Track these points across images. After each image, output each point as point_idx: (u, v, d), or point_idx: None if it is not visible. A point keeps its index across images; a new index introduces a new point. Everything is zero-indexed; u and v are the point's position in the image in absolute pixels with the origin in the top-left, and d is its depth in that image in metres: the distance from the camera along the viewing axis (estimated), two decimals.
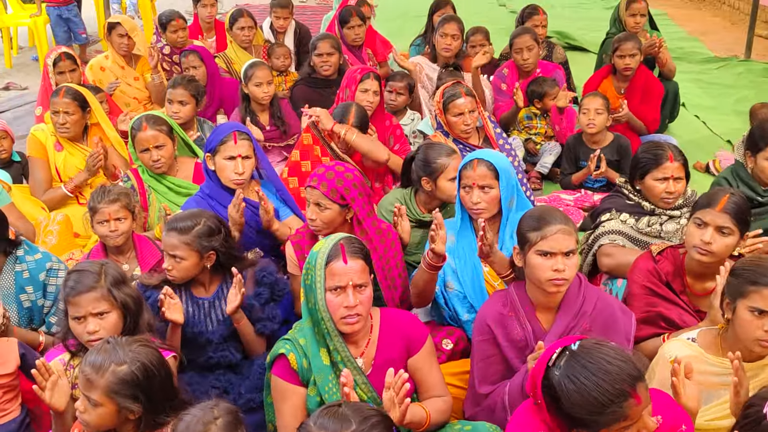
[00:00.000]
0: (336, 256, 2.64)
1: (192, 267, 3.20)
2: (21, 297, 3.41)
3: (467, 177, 3.35)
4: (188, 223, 3.19)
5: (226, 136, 3.71)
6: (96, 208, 3.59)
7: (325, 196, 3.27)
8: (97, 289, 2.76)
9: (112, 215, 3.58)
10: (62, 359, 2.89)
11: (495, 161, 3.35)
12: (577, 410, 2.11)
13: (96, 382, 2.36)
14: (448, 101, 4.50)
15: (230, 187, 3.78)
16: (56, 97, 4.68)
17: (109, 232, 3.59)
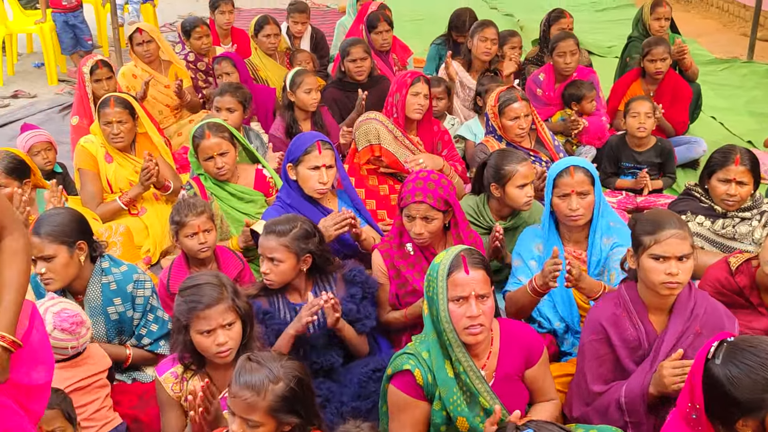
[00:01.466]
0: (458, 266, 2.66)
1: (289, 270, 3.21)
2: (108, 309, 3.39)
3: (565, 185, 3.39)
4: (286, 227, 3.21)
5: (310, 146, 3.71)
6: (183, 222, 3.58)
7: (433, 207, 3.29)
8: (224, 300, 2.74)
9: (201, 227, 3.58)
10: (174, 372, 2.86)
11: (589, 167, 3.42)
12: (747, 393, 2.14)
13: (257, 405, 2.32)
14: (503, 105, 4.55)
15: (312, 197, 3.78)
16: (107, 108, 4.64)
17: (199, 245, 3.58)
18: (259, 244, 3.30)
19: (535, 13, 11.41)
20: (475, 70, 6.02)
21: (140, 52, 5.99)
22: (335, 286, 3.36)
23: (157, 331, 3.46)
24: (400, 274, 3.46)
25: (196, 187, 4.19)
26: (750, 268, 3.27)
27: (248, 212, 4.25)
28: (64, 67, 8.54)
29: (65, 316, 2.94)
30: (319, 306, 3.10)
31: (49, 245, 3.19)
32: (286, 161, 3.80)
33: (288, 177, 3.81)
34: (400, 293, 3.49)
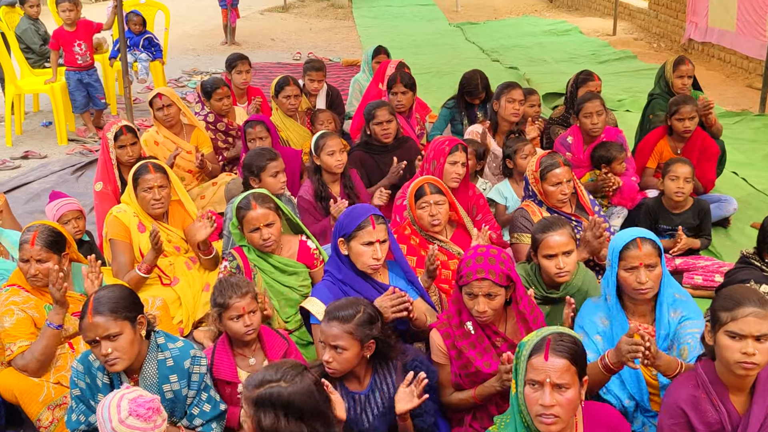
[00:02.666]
0: (539, 350, 2.58)
1: (353, 358, 3.09)
2: (164, 387, 3.26)
3: (633, 257, 3.31)
4: (349, 312, 3.09)
5: (363, 220, 3.61)
6: (228, 304, 3.45)
7: (495, 284, 3.20)
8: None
9: (246, 309, 3.45)
10: None
11: (655, 238, 3.35)
12: None
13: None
14: (545, 171, 4.49)
15: (365, 272, 3.67)
16: (147, 174, 4.56)
17: (244, 328, 3.45)
18: (320, 331, 3.18)
19: (537, 65, 11.56)
20: (500, 132, 5.99)
21: (161, 116, 5.93)
22: (395, 374, 3.24)
23: (210, 412, 3.34)
24: (461, 354, 3.35)
25: (239, 259, 4.09)
26: None
27: (292, 285, 4.14)
28: (72, 125, 8.44)
29: (141, 402, 2.83)
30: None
31: (114, 323, 3.09)
32: (337, 235, 3.70)
33: (339, 252, 3.70)
34: (462, 373, 3.37)
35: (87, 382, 3.25)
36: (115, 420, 2.80)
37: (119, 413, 2.81)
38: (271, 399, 2.52)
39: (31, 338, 3.80)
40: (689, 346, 3.25)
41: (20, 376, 3.75)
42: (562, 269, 3.75)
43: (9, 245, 4.49)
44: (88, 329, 3.11)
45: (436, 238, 4.30)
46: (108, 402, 2.85)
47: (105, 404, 2.86)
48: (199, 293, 4.68)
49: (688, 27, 12.09)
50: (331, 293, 3.60)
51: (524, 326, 3.34)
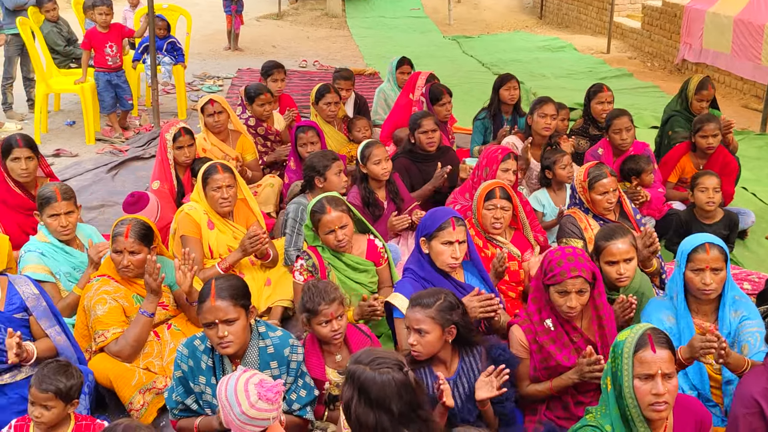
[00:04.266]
0: (644, 345, 2.83)
1: (435, 341, 3.35)
2: (265, 373, 3.42)
3: (700, 260, 3.61)
4: (431, 299, 3.38)
5: (444, 222, 3.87)
6: (317, 310, 3.60)
7: (587, 281, 3.48)
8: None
9: (334, 314, 3.63)
10: None
11: (722, 245, 3.65)
12: None
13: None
14: (593, 180, 4.79)
15: (444, 270, 3.93)
16: (216, 174, 4.78)
17: (332, 333, 3.64)
18: (406, 317, 3.45)
19: (538, 80, 11.91)
20: (534, 145, 6.28)
21: (211, 122, 6.13)
22: (480, 361, 3.50)
23: (306, 397, 3.54)
24: (542, 349, 3.61)
25: (314, 257, 4.32)
26: None
27: (362, 282, 4.39)
28: (98, 125, 8.58)
29: (268, 386, 3.00)
30: None
31: (233, 309, 3.31)
32: (419, 235, 3.96)
33: (421, 250, 3.96)
34: (540, 367, 3.64)
35: (190, 365, 3.44)
36: (245, 404, 2.96)
37: (248, 398, 2.97)
38: (353, 377, 2.70)
39: (122, 326, 4.00)
40: (750, 344, 3.54)
41: (114, 362, 3.95)
42: (623, 275, 4.03)
43: (84, 238, 4.66)
44: (209, 312, 3.31)
45: (496, 239, 4.58)
46: (233, 387, 2.99)
47: (230, 389, 2.99)
48: (261, 288, 4.89)
49: (682, 48, 12.54)
50: (413, 289, 3.85)
51: (598, 323, 3.62)
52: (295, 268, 4.35)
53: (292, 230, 5.02)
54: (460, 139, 8.00)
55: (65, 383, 3.30)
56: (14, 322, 3.75)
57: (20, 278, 3.89)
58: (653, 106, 9.96)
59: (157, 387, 3.93)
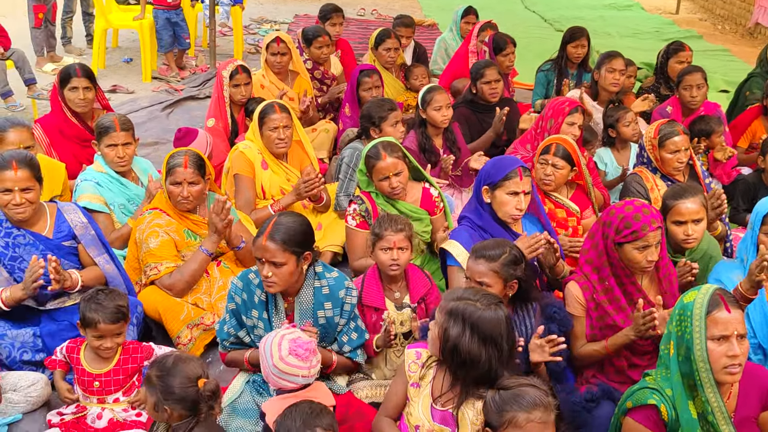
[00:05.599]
0: (717, 305, 2.67)
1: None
2: (318, 313, 3.41)
3: None
4: (496, 252, 3.25)
5: (511, 171, 3.72)
6: (382, 235, 3.61)
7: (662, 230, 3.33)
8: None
9: (397, 244, 3.60)
10: (419, 353, 2.99)
11: None
12: None
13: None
14: (664, 138, 4.57)
15: (504, 221, 3.80)
16: (273, 114, 4.70)
17: (390, 261, 3.61)
18: (467, 268, 3.34)
19: (602, 38, 11.52)
20: (600, 101, 6.06)
21: (273, 61, 6.02)
22: (534, 317, 3.38)
23: (357, 340, 3.48)
24: (599, 307, 3.46)
25: (368, 203, 4.22)
26: None
27: (416, 230, 4.22)
28: (155, 63, 8.55)
29: (300, 343, 2.98)
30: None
31: (281, 253, 3.21)
32: (481, 183, 3.81)
33: (481, 199, 3.82)
34: (597, 326, 3.50)
35: (243, 298, 3.39)
36: (276, 357, 2.96)
37: (280, 351, 2.96)
38: (464, 314, 2.73)
39: (174, 260, 3.97)
40: None
41: (163, 295, 3.93)
42: (690, 236, 3.84)
43: (140, 171, 4.63)
44: (258, 249, 3.26)
45: (554, 196, 4.42)
46: (270, 340, 3.02)
47: (267, 341, 3.02)
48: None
49: (756, 11, 12.00)
50: (470, 237, 3.73)
51: (658, 283, 3.46)
52: (348, 212, 4.26)
53: (345, 175, 4.92)
54: (519, 95, 7.76)
55: (124, 304, 3.34)
56: (62, 249, 3.74)
57: (69, 206, 3.87)
58: (723, 70, 9.57)
59: (205, 323, 3.90)
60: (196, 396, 2.73)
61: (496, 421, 2.46)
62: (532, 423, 2.40)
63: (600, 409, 3.15)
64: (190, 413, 2.74)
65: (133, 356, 3.41)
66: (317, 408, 2.65)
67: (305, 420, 2.58)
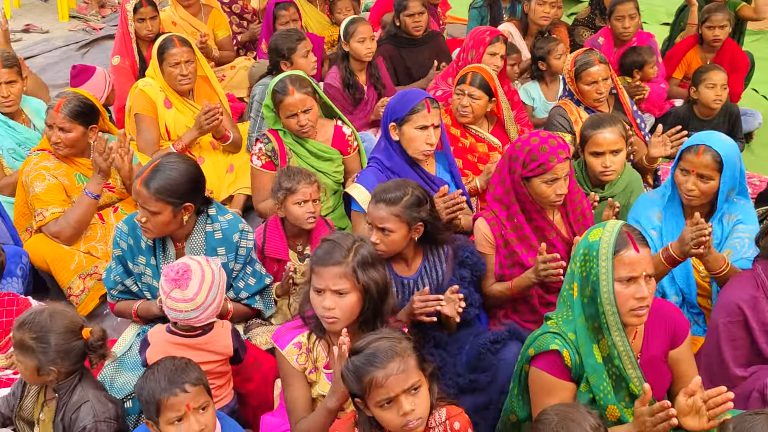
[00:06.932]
0: (625, 245, 2.48)
1: (400, 240, 3.03)
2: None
3: (688, 161, 3.25)
4: (397, 194, 3.01)
5: (418, 103, 3.48)
6: (295, 189, 3.40)
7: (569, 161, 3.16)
8: (343, 265, 2.56)
9: (312, 196, 3.41)
10: (298, 343, 2.68)
11: (723, 152, 3.22)
12: None
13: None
14: (581, 69, 4.35)
15: (414, 159, 3.58)
16: (172, 48, 4.40)
17: (307, 214, 3.41)
18: (368, 213, 3.12)
19: None
20: (530, 35, 5.86)
21: None
22: (446, 262, 3.19)
23: (255, 285, 3.28)
24: (508, 245, 3.30)
25: (275, 142, 3.97)
26: None
27: (326, 171, 4.05)
28: (73, 2, 8.10)
29: (171, 266, 2.73)
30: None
31: (154, 202, 2.95)
32: (388, 120, 3.58)
33: (390, 137, 3.59)
34: (505, 264, 3.34)
35: (129, 244, 3.16)
36: (164, 298, 2.75)
37: (163, 287, 2.75)
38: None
39: (63, 205, 3.72)
40: (735, 249, 3.23)
41: (51, 244, 3.68)
42: (608, 168, 3.69)
43: (31, 112, 4.32)
44: (134, 193, 3.04)
45: (474, 129, 4.21)
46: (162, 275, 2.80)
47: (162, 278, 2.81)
48: (223, 174, 4.60)
49: None
50: (377, 180, 3.50)
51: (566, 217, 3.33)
52: (253, 151, 4.01)
53: (257, 114, 4.64)
54: (455, 29, 7.47)
55: None
56: None
57: None
58: (667, 4, 9.35)
59: (99, 273, 3.67)
60: (84, 348, 2.55)
61: (358, 389, 2.24)
62: (392, 377, 2.18)
63: (507, 350, 2.98)
64: (78, 368, 2.57)
65: (8, 309, 3.16)
66: (181, 363, 2.43)
67: (170, 378, 2.36)
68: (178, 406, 2.35)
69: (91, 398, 2.56)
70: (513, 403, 2.81)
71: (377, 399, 2.21)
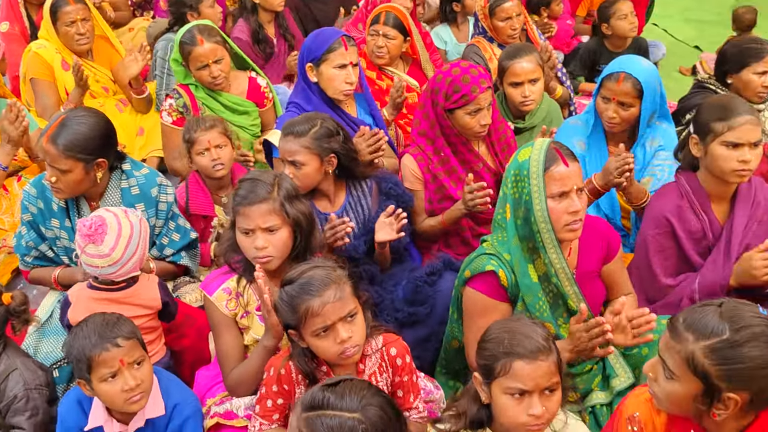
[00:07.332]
0: (554, 161, 2.46)
1: (314, 173, 2.95)
2: None
3: (608, 89, 3.27)
4: (305, 126, 2.93)
5: (334, 42, 3.38)
6: (193, 138, 3.28)
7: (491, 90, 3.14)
8: (270, 201, 2.47)
9: (212, 143, 3.28)
10: (227, 288, 2.57)
11: (643, 78, 3.25)
12: None
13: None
14: (495, 5, 4.35)
15: (334, 100, 3.49)
16: (66, 6, 4.16)
17: (212, 162, 3.29)
18: (279, 148, 3.03)
19: None
20: None
21: None
22: (370, 196, 3.14)
23: (180, 241, 3.15)
24: (436, 179, 3.28)
25: (186, 97, 3.79)
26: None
27: (242, 124, 3.91)
28: None
29: (82, 220, 2.54)
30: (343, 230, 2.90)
31: (64, 160, 2.77)
32: (304, 61, 3.47)
33: (308, 79, 3.48)
34: (435, 199, 3.31)
35: (39, 207, 2.98)
36: (79, 253, 2.56)
37: (78, 244, 2.57)
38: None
39: None
40: (655, 177, 3.28)
41: None
42: (528, 98, 3.71)
43: None
44: (41, 150, 2.86)
45: (389, 70, 4.15)
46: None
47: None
48: (133, 138, 4.40)
49: None
50: None
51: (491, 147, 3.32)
52: (164, 107, 3.82)
53: (162, 71, 4.46)
54: None
55: None
56: None
57: None
58: None
59: (9, 245, 3.46)
60: (5, 314, 2.43)
61: (293, 319, 2.16)
62: (329, 305, 2.11)
63: (443, 281, 2.96)
64: (1, 336, 2.46)
65: None
66: (112, 318, 2.29)
67: (101, 333, 2.22)
68: (111, 362, 2.21)
69: (19, 366, 2.43)
70: (454, 329, 2.80)
71: (313, 328, 2.14)
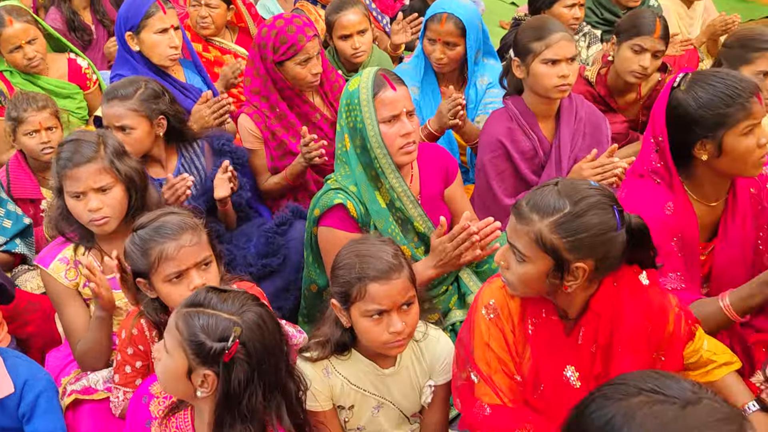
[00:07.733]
0: (382, 85, 2.55)
1: (145, 137, 2.88)
2: None
3: (433, 30, 3.38)
4: (130, 89, 2.86)
5: (151, 6, 3.31)
6: (22, 118, 3.13)
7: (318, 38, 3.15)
8: (98, 160, 2.37)
9: (43, 124, 3.15)
10: (64, 258, 2.47)
11: (464, 17, 3.36)
12: (708, 110, 2.17)
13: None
14: None
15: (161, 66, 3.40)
16: None
17: (41, 145, 3.15)
18: (103, 115, 2.93)
19: None
20: None
21: None
22: (203, 156, 3.10)
23: (12, 228, 3.01)
24: (275, 136, 3.28)
25: (2, 84, 3.61)
26: (602, 78, 3.57)
27: (69, 108, 3.77)
28: None
29: None
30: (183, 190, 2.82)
31: None
32: (122, 30, 3.36)
33: (130, 49, 3.38)
34: (276, 155, 3.31)
35: None
36: None
37: None
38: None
39: None
40: (488, 114, 3.34)
41: None
42: (358, 49, 3.78)
43: None
44: None
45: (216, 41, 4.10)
46: None
47: None
48: None
49: None
50: None
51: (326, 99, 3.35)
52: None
53: None
54: None
55: None
56: None
57: None
58: None
59: None
60: None
61: (145, 265, 2.08)
62: (185, 248, 2.06)
63: (293, 230, 2.99)
64: None
65: None
66: None
67: None
68: None
69: None
70: (311, 273, 2.83)
71: (166, 273, 2.08)
